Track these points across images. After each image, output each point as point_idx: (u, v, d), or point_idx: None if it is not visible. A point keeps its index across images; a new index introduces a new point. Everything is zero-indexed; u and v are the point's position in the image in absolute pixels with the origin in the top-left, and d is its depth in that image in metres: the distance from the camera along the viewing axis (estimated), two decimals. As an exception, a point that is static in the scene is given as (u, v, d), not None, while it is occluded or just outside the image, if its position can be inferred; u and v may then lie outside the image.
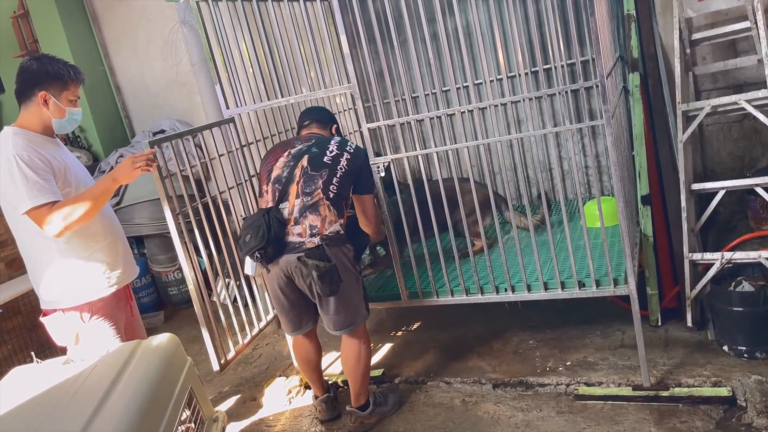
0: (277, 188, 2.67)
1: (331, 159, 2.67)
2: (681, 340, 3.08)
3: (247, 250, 2.59)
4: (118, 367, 2.04)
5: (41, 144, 2.38)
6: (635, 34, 3.22)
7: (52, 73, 2.37)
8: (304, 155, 2.69)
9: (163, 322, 4.88)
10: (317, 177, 2.64)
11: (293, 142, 2.79)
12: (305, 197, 2.62)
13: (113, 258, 2.55)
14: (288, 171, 2.68)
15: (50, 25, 5.07)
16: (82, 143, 5.25)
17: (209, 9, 2.99)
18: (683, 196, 2.99)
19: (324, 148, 2.71)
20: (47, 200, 2.27)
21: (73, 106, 2.45)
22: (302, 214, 2.61)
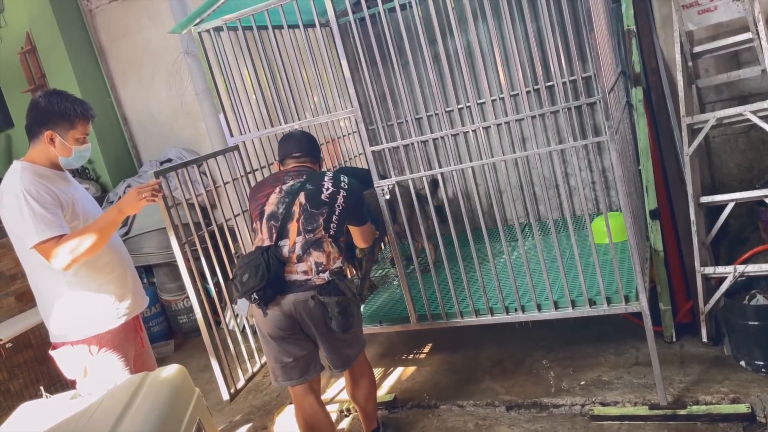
0: (274, 225, 2.54)
1: (329, 197, 2.57)
2: (697, 356, 3.02)
3: (245, 290, 2.43)
4: (125, 401, 2.02)
5: (49, 178, 2.40)
6: (636, 49, 3.22)
7: (59, 113, 2.38)
8: (300, 192, 2.57)
9: (173, 350, 4.86)
10: (317, 215, 2.54)
11: (283, 177, 2.65)
12: (307, 234, 2.51)
13: (122, 289, 2.55)
14: (284, 208, 2.55)
15: (57, 60, 5.15)
16: (90, 175, 5.29)
17: (211, 39, 3.02)
18: (692, 209, 2.96)
19: (319, 184, 2.60)
20: (54, 234, 2.28)
21: (80, 144, 2.45)
22: (305, 251, 2.49)
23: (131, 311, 2.58)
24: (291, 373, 2.58)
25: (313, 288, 2.46)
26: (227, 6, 2.92)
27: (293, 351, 2.55)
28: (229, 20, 2.91)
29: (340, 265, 2.57)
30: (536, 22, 3.53)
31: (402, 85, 2.75)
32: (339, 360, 2.61)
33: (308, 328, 2.52)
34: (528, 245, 3.69)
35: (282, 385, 2.62)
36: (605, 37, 2.84)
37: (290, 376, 2.58)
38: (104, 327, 2.49)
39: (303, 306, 2.46)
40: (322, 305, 2.44)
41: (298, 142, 2.76)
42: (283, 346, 2.55)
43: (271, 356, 2.59)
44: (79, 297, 2.45)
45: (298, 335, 2.54)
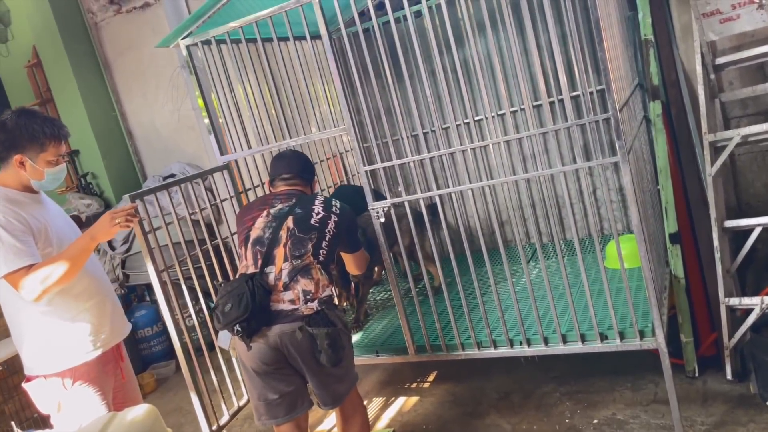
0: (260, 251, 2.38)
1: (319, 221, 2.42)
2: (721, 394, 2.78)
3: (227, 322, 2.24)
4: (87, 444, 1.86)
5: (21, 203, 2.27)
6: (654, 60, 3.01)
7: (27, 136, 2.24)
8: (288, 216, 2.41)
9: (174, 371, 4.72)
10: (306, 240, 2.38)
11: (271, 200, 2.50)
12: (294, 260, 2.34)
13: (100, 318, 2.41)
14: (271, 232, 2.39)
15: (62, 74, 5.08)
16: (94, 190, 5.21)
17: (201, 53, 2.88)
18: (716, 234, 2.72)
19: (308, 208, 2.45)
20: (24, 264, 2.15)
21: (52, 166, 2.31)
22: (293, 279, 2.32)
23: (109, 341, 2.43)
24: (276, 411, 2.37)
25: (301, 318, 2.28)
26: (216, 18, 2.78)
27: (279, 387, 2.35)
28: (217, 34, 2.77)
29: (330, 293, 2.39)
30: (547, 34, 3.34)
31: (397, 101, 2.58)
32: (329, 396, 2.40)
33: (295, 362, 2.32)
34: (534, 271, 3.48)
35: (266, 424, 2.41)
36: (618, 48, 2.63)
37: (275, 414, 2.37)
38: (79, 359, 2.34)
39: (290, 338, 2.27)
40: (311, 337, 2.26)
41: (288, 163, 2.60)
42: (268, 381, 2.35)
43: (255, 393, 2.39)
44: (53, 327, 2.31)
45: (284, 370, 2.34)
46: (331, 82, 2.67)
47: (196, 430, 3.68)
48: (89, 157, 5.22)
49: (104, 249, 4.74)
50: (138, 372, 4.48)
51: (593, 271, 3.24)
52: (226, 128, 2.98)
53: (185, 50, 2.86)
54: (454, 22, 3.62)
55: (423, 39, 3.63)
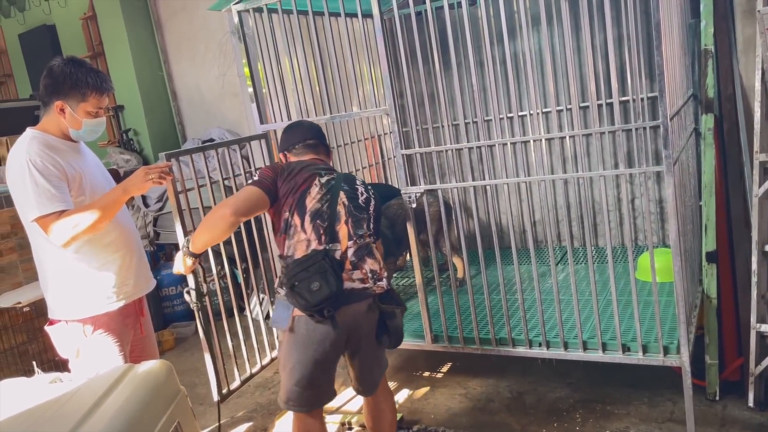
0: (321, 225, 2.20)
1: (364, 202, 2.31)
2: (740, 421, 2.70)
3: (317, 302, 2.05)
4: (101, 393, 1.89)
5: (58, 149, 2.30)
6: (712, 72, 2.90)
7: (71, 83, 2.26)
8: (339, 191, 2.26)
9: (193, 332, 4.80)
10: (362, 219, 2.27)
11: (313, 168, 2.30)
12: (358, 239, 2.23)
13: (125, 271, 2.45)
14: (328, 206, 2.22)
15: (115, 29, 5.16)
16: (134, 146, 5.30)
17: (252, 21, 2.88)
18: (755, 258, 2.63)
19: (353, 187, 2.33)
20: (56, 209, 2.18)
21: (92, 118, 2.33)
22: (359, 258, 2.21)
23: (132, 294, 2.47)
24: (312, 400, 2.26)
25: (372, 297, 2.23)
26: (270, -14, 2.77)
27: (331, 375, 2.28)
28: (269, 2, 2.76)
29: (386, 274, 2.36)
30: (603, 33, 3.26)
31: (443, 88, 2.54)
32: (370, 381, 2.36)
33: (356, 344, 2.25)
34: (562, 274, 3.42)
35: (293, 410, 2.29)
36: (676, 55, 2.55)
37: (310, 403, 2.26)
38: (102, 308, 2.38)
39: (365, 317, 2.21)
40: (382, 316, 2.23)
41: (309, 129, 2.45)
42: (327, 368, 2.24)
43: (305, 380, 2.21)
44: (79, 275, 2.36)
45: (338, 356, 2.25)
46: (377, 63, 2.65)
47: (209, 392, 3.74)
48: (133, 114, 5.31)
49: (138, 205, 4.82)
50: (158, 329, 4.57)
51: (623, 281, 3.17)
52: (269, 98, 2.98)
53: (236, 16, 2.87)
54: (509, 13, 3.57)
55: (475, 28, 3.58)
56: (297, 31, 2.83)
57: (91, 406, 1.82)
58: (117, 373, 2.03)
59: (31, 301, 3.77)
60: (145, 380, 2.00)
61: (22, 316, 3.80)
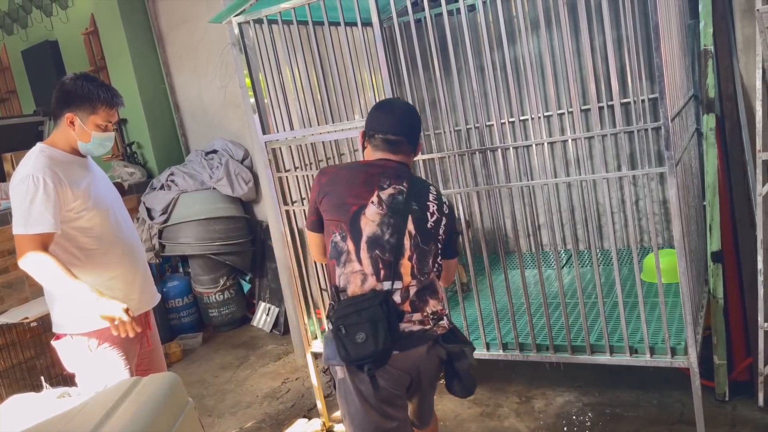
0: (380, 257, 1.89)
1: (433, 225, 1.96)
2: (750, 421, 2.69)
3: (359, 357, 1.81)
4: (109, 406, 1.90)
5: (65, 164, 2.32)
6: (712, 72, 2.91)
7: (82, 96, 2.29)
8: (408, 214, 1.92)
9: (200, 344, 4.81)
10: (428, 253, 1.94)
11: (378, 176, 1.97)
12: (422, 277, 1.93)
13: (128, 286, 2.45)
14: (391, 234, 1.90)
15: (117, 43, 5.20)
16: (138, 159, 5.32)
17: (252, 32, 2.90)
18: (760, 257, 2.63)
19: (424, 205, 1.97)
20: (35, 231, 2.18)
21: (101, 131, 2.34)
22: (422, 299, 1.93)
23: (136, 309, 2.46)
24: None
25: (434, 339, 1.94)
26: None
27: (395, 413, 1.99)
28: (269, 13, 2.78)
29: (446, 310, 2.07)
30: (602, 36, 3.27)
31: (444, 94, 2.55)
32: (426, 417, 2.19)
33: (416, 387, 2.02)
34: (567, 277, 3.42)
35: None
36: (676, 56, 2.55)
37: None
38: (106, 322, 2.40)
39: (426, 361, 1.95)
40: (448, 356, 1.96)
41: (399, 120, 2.03)
42: (386, 408, 1.96)
43: (368, 425, 1.97)
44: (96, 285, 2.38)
45: (403, 396, 2.02)
46: (378, 71, 2.66)
47: (216, 403, 3.75)
48: (136, 127, 5.34)
49: (143, 218, 4.84)
50: (165, 341, 4.58)
51: (628, 282, 3.17)
52: (270, 108, 2.99)
53: (237, 28, 2.88)
54: (508, 18, 3.59)
55: (474, 33, 3.59)
56: (297, 41, 2.84)
57: (100, 420, 1.83)
58: (125, 387, 2.03)
59: (38, 316, 3.78)
60: (153, 393, 2.00)
61: (30, 332, 3.81)
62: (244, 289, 5.18)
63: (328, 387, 3.60)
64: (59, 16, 5.63)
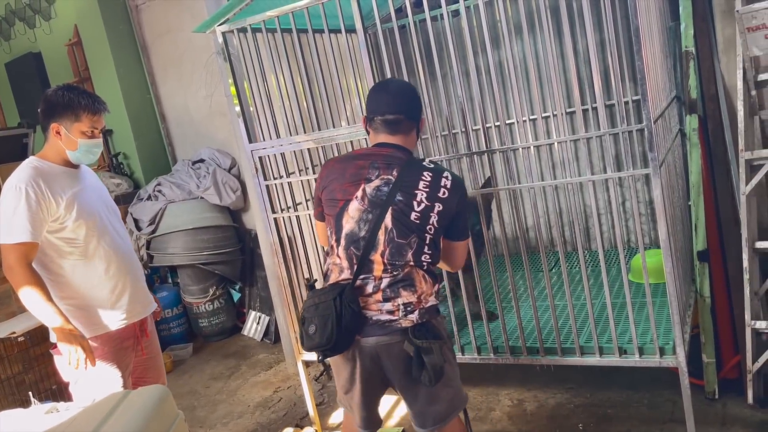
0: (354, 253, 1.98)
1: (420, 215, 1.96)
2: (740, 419, 2.71)
3: (310, 346, 1.96)
4: (98, 420, 1.89)
5: (52, 176, 2.33)
6: (694, 73, 2.94)
7: (64, 105, 2.31)
8: (387, 207, 1.96)
9: (191, 354, 4.78)
10: (405, 246, 1.96)
11: (367, 168, 2.00)
12: (395, 271, 1.96)
13: (117, 296, 2.45)
14: (367, 230, 1.97)
15: (101, 54, 5.17)
16: (125, 170, 5.29)
17: (236, 41, 2.90)
18: (746, 255, 2.65)
19: (411, 193, 1.97)
20: (16, 241, 2.21)
21: (87, 138, 2.35)
22: (394, 291, 1.97)
23: (127, 318, 2.47)
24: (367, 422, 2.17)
25: (400, 331, 1.96)
26: (253, 7, 2.78)
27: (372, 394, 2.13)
28: (253, 22, 2.78)
29: (435, 301, 2.06)
30: (585, 39, 3.29)
31: (430, 100, 2.56)
32: (427, 416, 2.07)
33: (390, 377, 2.06)
34: (555, 278, 3.43)
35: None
36: (657, 58, 2.58)
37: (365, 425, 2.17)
38: (94, 332, 2.39)
39: (386, 350, 1.98)
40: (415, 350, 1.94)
41: (394, 98, 2.03)
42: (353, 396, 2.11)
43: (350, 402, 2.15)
44: (72, 299, 2.37)
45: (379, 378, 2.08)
46: (364, 78, 2.67)
47: (208, 413, 3.72)
48: (122, 138, 5.31)
49: (130, 229, 4.81)
50: (156, 352, 4.55)
51: (617, 283, 3.19)
52: (257, 117, 2.99)
53: (221, 37, 2.88)
54: (492, 23, 3.61)
55: (459, 39, 3.60)
56: (282, 49, 2.84)
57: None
58: (113, 401, 2.01)
59: (25, 330, 3.74)
60: (142, 406, 1.98)
61: (17, 346, 3.77)
62: (234, 299, 5.15)
63: (320, 395, 3.59)
64: (42, 27, 5.59)
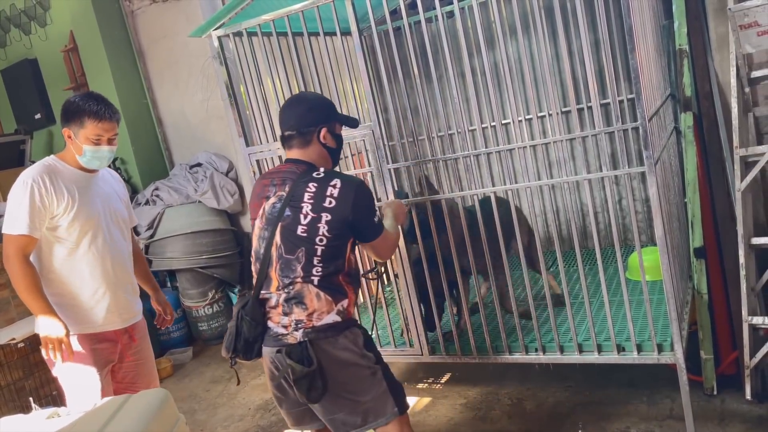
0: (257, 269, 2.09)
1: (306, 228, 1.98)
2: (739, 414, 2.72)
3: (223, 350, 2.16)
4: (99, 426, 1.90)
5: (61, 175, 2.37)
6: (688, 71, 2.95)
7: (72, 111, 2.36)
8: (277, 223, 2.02)
9: (191, 358, 4.78)
10: (293, 261, 2.00)
11: (268, 186, 2.10)
12: (287, 288, 2.01)
13: (94, 302, 2.44)
14: (264, 247, 2.06)
15: (97, 59, 5.17)
16: (122, 175, 5.29)
17: (232, 45, 2.91)
18: (742, 251, 2.67)
19: (297, 206, 1.99)
20: (15, 232, 2.28)
21: (92, 144, 2.37)
22: (289, 306, 2.02)
23: (103, 326, 2.46)
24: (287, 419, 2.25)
25: (286, 346, 2.02)
26: (249, 11, 2.80)
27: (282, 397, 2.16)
28: (249, 26, 2.79)
29: (335, 319, 2.02)
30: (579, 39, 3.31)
31: (425, 101, 2.57)
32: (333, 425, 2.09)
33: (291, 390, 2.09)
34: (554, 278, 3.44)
35: None
36: (651, 57, 2.60)
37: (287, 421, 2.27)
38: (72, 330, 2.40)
39: (273, 362, 2.07)
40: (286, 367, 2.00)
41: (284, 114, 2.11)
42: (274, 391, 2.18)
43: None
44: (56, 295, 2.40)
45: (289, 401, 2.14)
46: (360, 80, 2.68)
47: (209, 417, 3.73)
48: (119, 143, 5.28)
49: (129, 233, 4.81)
50: (155, 357, 4.53)
51: (614, 281, 3.20)
52: (254, 120, 3.00)
53: (217, 41, 2.89)
54: (486, 24, 3.62)
55: (454, 40, 3.62)
56: (278, 52, 2.85)
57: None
58: (115, 405, 2.03)
59: (25, 336, 3.74)
60: (143, 409, 1.99)
61: (17, 352, 3.77)
62: (233, 302, 5.15)
63: (321, 397, 3.59)
64: (38, 34, 5.59)
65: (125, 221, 2.59)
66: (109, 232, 2.48)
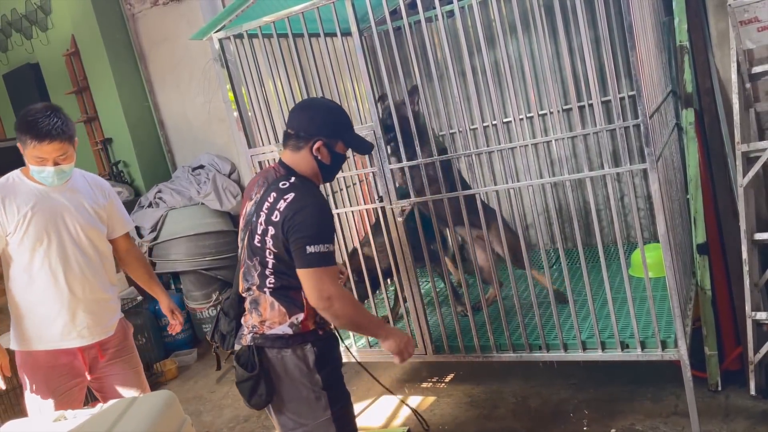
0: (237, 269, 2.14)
1: (260, 237, 1.93)
2: (743, 410, 2.72)
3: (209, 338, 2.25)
4: (106, 427, 1.91)
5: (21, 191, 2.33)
6: (689, 67, 2.96)
7: (18, 128, 2.27)
8: (248, 227, 2.01)
9: (196, 360, 4.78)
10: (252, 268, 1.99)
11: (254, 185, 2.10)
12: (248, 291, 2.03)
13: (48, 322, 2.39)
14: (240, 248, 2.09)
15: (99, 63, 5.19)
16: (125, 178, 5.31)
17: (233, 47, 2.92)
18: (745, 246, 2.67)
19: (259, 212, 1.96)
20: None
21: (36, 165, 2.28)
22: (251, 309, 2.03)
23: (62, 342, 2.40)
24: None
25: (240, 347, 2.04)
26: (249, 13, 2.80)
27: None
28: (249, 28, 2.80)
29: (287, 331, 1.94)
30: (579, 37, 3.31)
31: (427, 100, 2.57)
32: None
33: None
34: (555, 274, 3.44)
35: None
36: (652, 53, 2.60)
37: None
38: (24, 347, 2.42)
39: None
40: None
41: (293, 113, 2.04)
42: None
43: None
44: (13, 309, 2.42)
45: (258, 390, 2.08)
46: (361, 80, 2.69)
47: (215, 418, 3.74)
48: (121, 146, 5.33)
49: (133, 236, 4.83)
50: (160, 359, 4.56)
51: (617, 278, 3.20)
52: (255, 122, 3.01)
53: (218, 43, 2.90)
54: (486, 23, 3.62)
55: (454, 39, 3.62)
56: (279, 54, 2.86)
57: (97, 440, 1.83)
58: (121, 407, 2.04)
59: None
60: (148, 411, 2.00)
61: (21, 357, 3.78)
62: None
63: (325, 397, 3.60)
64: (39, 38, 5.61)
65: (98, 232, 2.45)
66: (64, 248, 2.36)
